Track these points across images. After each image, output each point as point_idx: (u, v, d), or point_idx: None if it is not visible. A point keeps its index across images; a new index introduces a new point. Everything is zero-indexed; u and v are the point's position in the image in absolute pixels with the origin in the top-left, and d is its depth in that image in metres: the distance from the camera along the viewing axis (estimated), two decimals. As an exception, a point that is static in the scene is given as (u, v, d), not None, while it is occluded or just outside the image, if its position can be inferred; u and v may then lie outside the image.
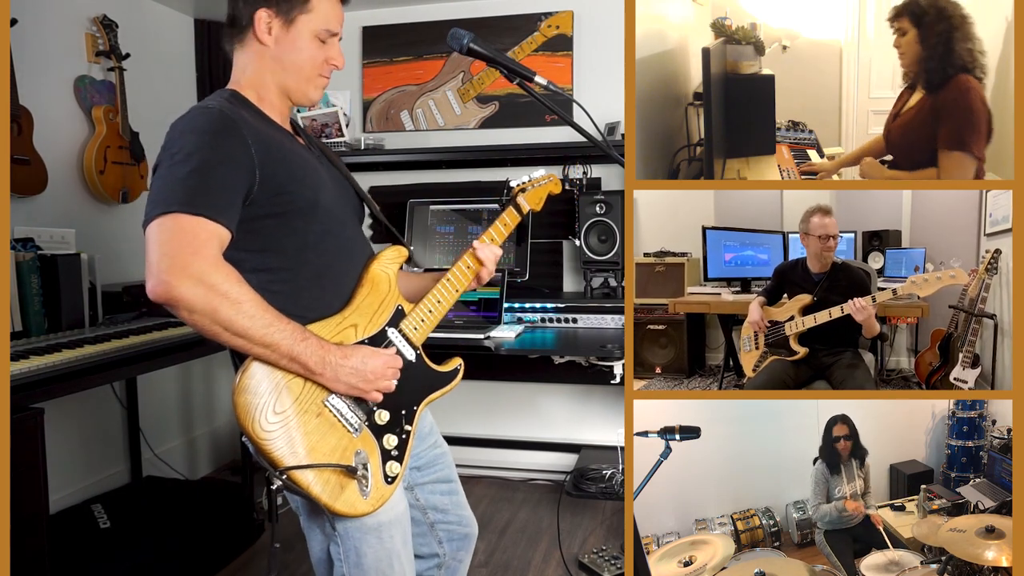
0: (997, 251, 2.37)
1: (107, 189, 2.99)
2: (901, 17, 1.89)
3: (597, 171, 3.31)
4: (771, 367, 2.38)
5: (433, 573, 1.65)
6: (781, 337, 2.36)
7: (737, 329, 2.77)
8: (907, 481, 2.16)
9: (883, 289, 2.18)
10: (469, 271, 1.52)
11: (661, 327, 3.32)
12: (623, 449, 2.32)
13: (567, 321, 2.93)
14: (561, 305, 2.96)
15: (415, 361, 1.43)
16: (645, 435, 1.66)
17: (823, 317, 2.24)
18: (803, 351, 2.32)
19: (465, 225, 3.25)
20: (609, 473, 3.06)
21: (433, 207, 3.31)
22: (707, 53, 2.00)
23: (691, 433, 1.64)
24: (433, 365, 1.47)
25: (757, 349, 2.45)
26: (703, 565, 1.87)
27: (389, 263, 1.46)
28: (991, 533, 1.70)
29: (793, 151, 2.22)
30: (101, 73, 3.07)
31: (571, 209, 3.20)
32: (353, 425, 1.32)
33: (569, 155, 3.24)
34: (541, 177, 1.66)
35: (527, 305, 2.97)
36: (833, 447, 2.06)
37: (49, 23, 2.85)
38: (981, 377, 2.43)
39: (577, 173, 3.29)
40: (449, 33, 1.49)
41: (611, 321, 2.88)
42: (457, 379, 1.50)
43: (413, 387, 1.42)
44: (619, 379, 2.36)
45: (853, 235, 3.16)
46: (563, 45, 3.34)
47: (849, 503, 1.99)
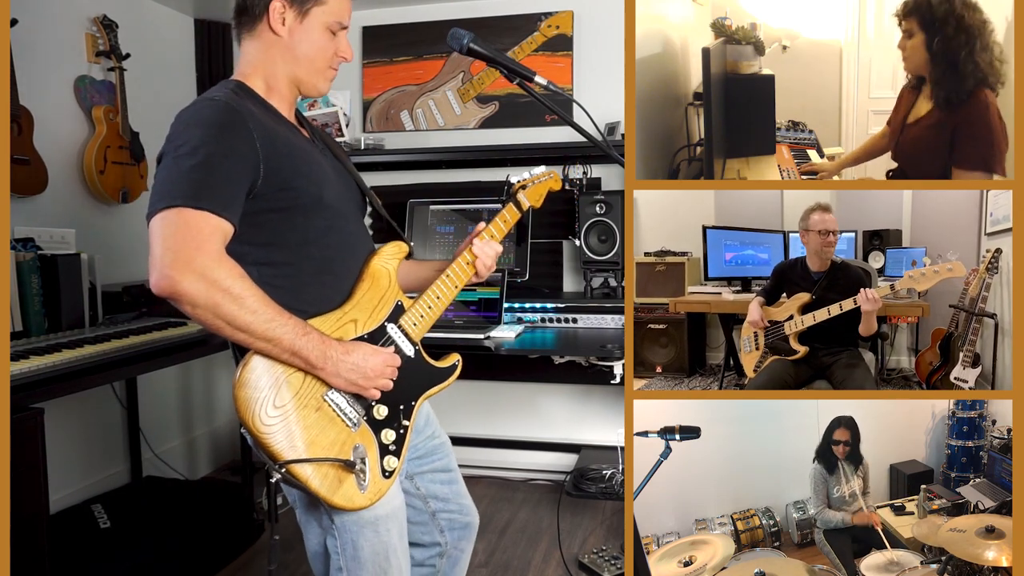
0: (998, 250, 2.37)
1: (107, 189, 2.99)
2: (910, 17, 1.79)
3: (597, 171, 3.31)
4: (771, 367, 2.38)
5: (435, 562, 1.65)
6: (781, 337, 2.36)
7: (737, 328, 2.77)
8: (907, 481, 2.16)
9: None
10: (468, 267, 1.53)
11: (662, 326, 3.32)
12: (623, 449, 2.32)
13: (567, 321, 2.93)
14: (561, 305, 2.95)
15: (414, 357, 1.44)
16: (645, 435, 1.66)
17: (823, 315, 2.24)
18: (803, 350, 2.32)
19: (465, 225, 3.25)
20: (609, 473, 3.06)
21: (433, 207, 3.31)
22: (707, 53, 2.00)
23: (691, 433, 1.64)
24: (432, 361, 1.48)
25: (757, 349, 2.45)
26: (703, 565, 1.88)
27: (389, 259, 1.46)
28: (991, 533, 1.70)
29: (793, 151, 2.22)
30: (101, 73, 3.07)
31: (571, 209, 3.20)
32: (352, 420, 1.33)
33: (569, 155, 3.24)
34: (541, 174, 1.66)
35: (527, 305, 2.97)
36: (830, 449, 2.07)
37: (49, 23, 2.85)
38: (981, 377, 2.43)
39: (577, 173, 3.28)
40: (449, 33, 1.50)
41: (611, 321, 2.88)
42: (455, 375, 1.50)
43: (411, 383, 1.42)
44: (619, 379, 2.36)
45: (854, 234, 3.16)
46: (563, 45, 3.34)
47: (857, 516, 1.99)
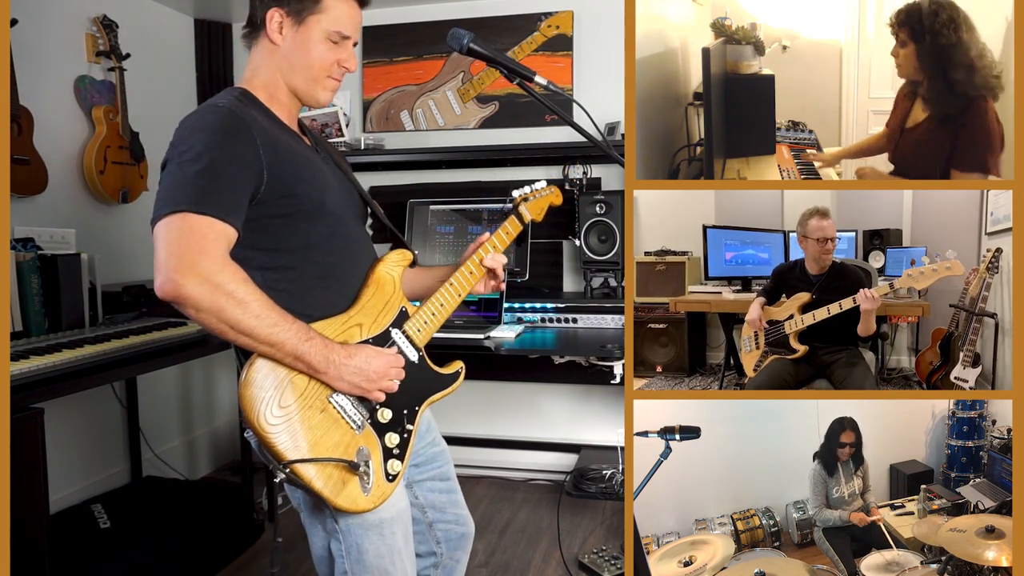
0: (998, 250, 2.37)
1: (107, 189, 2.99)
2: (903, 27, 1.86)
3: (597, 171, 3.31)
4: (771, 366, 2.38)
5: (430, 572, 1.65)
6: (781, 336, 2.36)
7: (738, 328, 2.77)
8: (907, 481, 2.16)
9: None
10: (473, 276, 1.53)
11: (662, 326, 3.32)
12: (623, 449, 2.32)
13: (567, 321, 2.93)
14: (561, 305, 2.95)
15: (418, 362, 1.44)
16: (645, 435, 1.66)
17: (823, 314, 2.24)
18: (803, 349, 2.32)
19: (465, 225, 3.25)
20: (609, 473, 3.06)
21: (433, 207, 3.31)
22: (707, 53, 2.00)
23: (691, 433, 1.64)
24: (435, 367, 1.49)
25: (757, 349, 2.45)
26: (703, 565, 1.88)
27: (394, 265, 1.47)
28: (991, 533, 1.70)
29: (793, 151, 2.22)
30: (101, 73, 3.07)
31: (571, 209, 3.20)
32: (356, 422, 1.33)
33: (569, 155, 3.24)
34: (543, 188, 1.66)
35: (527, 305, 2.97)
36: (833, 451, 2.06)
37: (49, 23, 2.85)
38: (982, 376, 2.43)
39: (577, 173, 3.28)
40: (449, 33, 1.49)
41: (611, 321, 2.88)
42: (458, 382, 1.51)
43: (415, 388, 1.43)
44: (619, 379, 2.36)
45: (854, 234, 3.16)
46: (563, 45, 3.34)
47: (853, 515, 1.99)
